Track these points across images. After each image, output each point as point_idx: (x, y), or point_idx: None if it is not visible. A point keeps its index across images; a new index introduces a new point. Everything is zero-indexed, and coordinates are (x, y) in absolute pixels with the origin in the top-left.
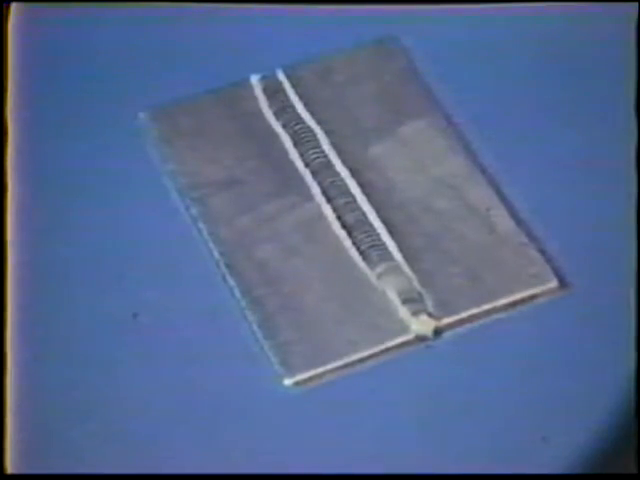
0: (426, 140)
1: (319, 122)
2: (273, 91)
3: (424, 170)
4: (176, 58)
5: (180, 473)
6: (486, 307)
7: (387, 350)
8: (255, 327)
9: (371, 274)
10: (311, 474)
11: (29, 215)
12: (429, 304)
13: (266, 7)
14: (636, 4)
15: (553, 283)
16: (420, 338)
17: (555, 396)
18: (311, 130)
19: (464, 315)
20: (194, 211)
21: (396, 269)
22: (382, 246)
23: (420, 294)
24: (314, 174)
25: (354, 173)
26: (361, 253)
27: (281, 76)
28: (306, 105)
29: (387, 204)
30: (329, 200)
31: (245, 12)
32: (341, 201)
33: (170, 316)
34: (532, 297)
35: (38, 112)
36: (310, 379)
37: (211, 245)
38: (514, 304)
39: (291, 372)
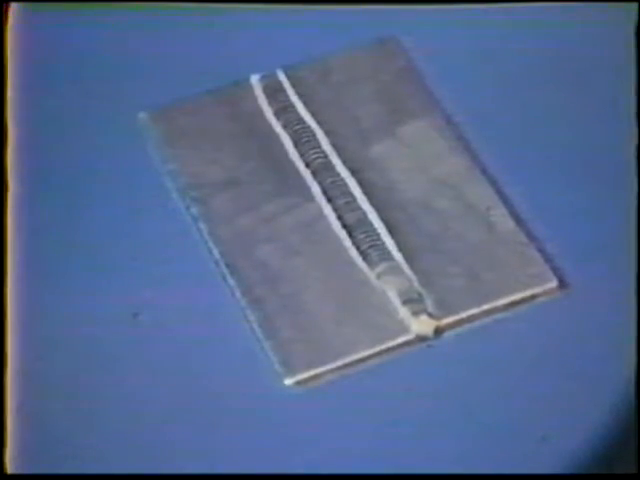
0: (426, 140)
1: (319, 122)
2: (273, 91)
3: (424, 170)
4: (176, 58)
5: (180, 473)
6: (486, 307)
7: (387, 350)
8: (255, 327)
9: (371, 274)
10: (311, 474)
11: (29, 215)
12: (429, 304)
13: (266, 7)
14: (636, 4)
15: (553, 283)
16: (420, 338)
17: (555, 396)
18: (311, 130)
19: (464, 315)
20: (194, 211)
21: (396, 269)
22: (382, 246)
23: (420, 294)
24: (314, 174)
25: (354, 173)
26: (361, 253)
27: (281, 76)
28: (306, 105)
29: (387, 204)
30: (329, 200)
31: (245, 12)
32: (341, 201)
33: (170, 316)
34: (532, 297)
35: (38, 112)
36: (310, 379)
37: (211, 245)
38: (514, 304)
39: (291, 372)
